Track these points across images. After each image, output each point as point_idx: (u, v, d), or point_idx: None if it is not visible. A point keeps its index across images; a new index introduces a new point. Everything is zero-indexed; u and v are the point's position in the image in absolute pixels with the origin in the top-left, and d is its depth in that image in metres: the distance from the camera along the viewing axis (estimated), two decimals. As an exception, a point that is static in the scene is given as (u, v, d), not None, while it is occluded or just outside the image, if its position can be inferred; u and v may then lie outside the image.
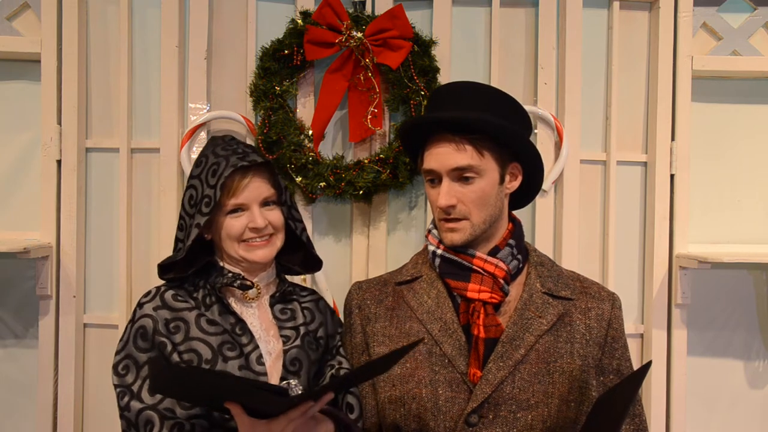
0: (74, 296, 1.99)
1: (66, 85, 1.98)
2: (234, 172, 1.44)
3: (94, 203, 2.04)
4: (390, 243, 2.01)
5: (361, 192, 1.91)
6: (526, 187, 1.54)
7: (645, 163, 2.08)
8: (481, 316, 1.42)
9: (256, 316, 1.50)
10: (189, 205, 1.48)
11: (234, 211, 1.46)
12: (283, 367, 1.44)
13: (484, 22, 2.05)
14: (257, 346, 1.43)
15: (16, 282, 2.09)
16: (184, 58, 2.00)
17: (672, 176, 2.04)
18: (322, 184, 1.89)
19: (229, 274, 1.48)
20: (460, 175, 1.43)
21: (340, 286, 1.85)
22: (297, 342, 1.48)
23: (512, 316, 1.46)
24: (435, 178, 1.47)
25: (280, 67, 1.92)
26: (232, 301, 1.49)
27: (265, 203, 1.48)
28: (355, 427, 1.41)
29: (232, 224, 1.46)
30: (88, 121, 2.04)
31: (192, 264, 1.50)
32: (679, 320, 2.03)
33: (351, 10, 1.93)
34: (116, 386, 1.40)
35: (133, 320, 1.45)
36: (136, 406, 1.36)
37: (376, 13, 1.95)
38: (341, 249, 2.03)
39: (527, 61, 2.06)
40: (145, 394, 1.37)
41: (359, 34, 1.88)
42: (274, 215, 1.49)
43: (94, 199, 2.04)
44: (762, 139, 2.14)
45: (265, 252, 1.48)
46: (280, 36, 1.91)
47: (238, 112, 1.98)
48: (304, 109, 1.98)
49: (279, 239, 1.51)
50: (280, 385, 1.39)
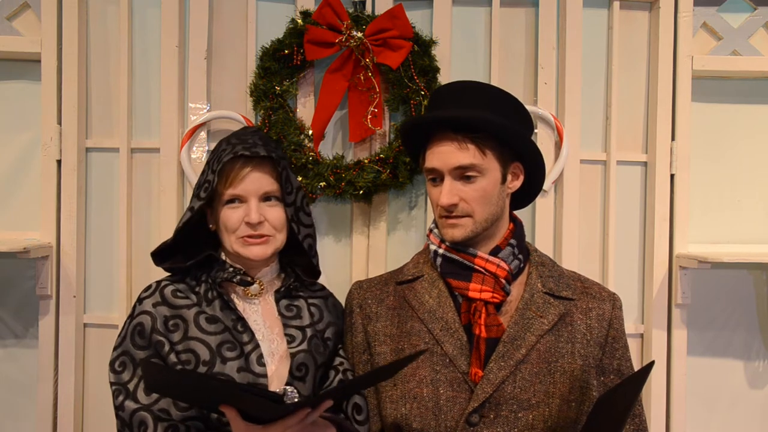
0: (74, 296, 1.99)
1: (66, 85, 1.98)
2: (233, 160, 1.40)
3: (94, 203, 2.04)
4: (390, 243, 2.01)
5: (361, 192, 1.90)
6: (528, 187, 1.54)
7: (645, 163, 2.08)
8: (483, 316, 1.42)
9: (260, 312, 1.47)
10: (194, 190, 1.45)
11: (231, 201, 1.42)
12: (290, 372, 1.41)
13: (484, 22, 2.05)
14: (258, 346, 1.40)
15: (16, 282, 2.09)
16: (184, 58, 2.00)
17: (672, 176, 2.04)
18: (322, 184, 1.89)
19: (230, 269, 1.45)
20: (462, 173, 1.43)
21: (340, 286, 1.84)
22: (304, 345, 1.44)
23: (513, 316, 1.46)
24: (437, 177, 1.47)
25: (280, 67, 1.91)
26: (234, 297, 1.46)
27: (265, 198, 1.43)
28: None
29: (228, 215, 1.42)
30: (88, 121, 2.04)
31: (192, 255, 1.46)
32: (679, 320, 2.03)
33: (351, 10, 1.93)
34: (112, 384, 1.37)
35: (132, 316, 1.42)
36: (131, 406, 1.34)
37: (376, 13, 1.94)
38: (341, 249, 2.02)
39: (527, 61, 2.06)
40: (141, 394, 1.35)
41: (359, 34, 1.88)
42: (274, 213, 1.43)
43: (94, 199, 2.04)
44: (762, 139, 2.14)
45: (260, 249, 1.42)
46: (280, 36, 1.91)
47: (238, 112, 1.97)
48: (304, 109, 1.98)
49: (278, 239, 1.45)
50: (276, 391, 1.35)
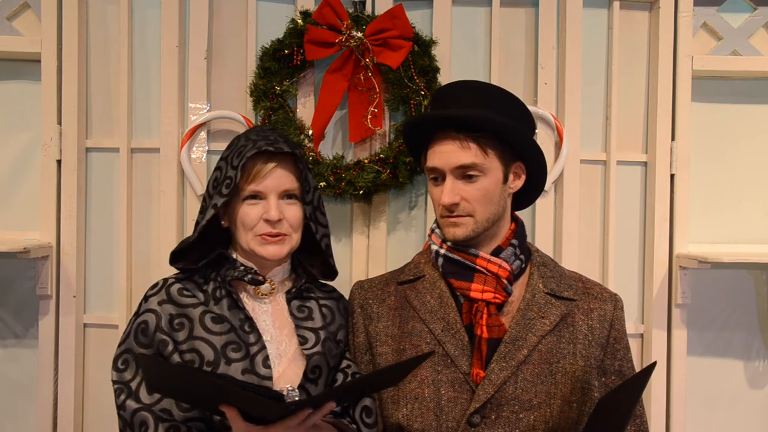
0: (74, 296, 1.99)
1: (66, 85, 1.98)
2: (257, 155, 1.38)
3: (94, 203, 2.04)
4: (390, 243, 2.01)
5: (361, 192, 1.90)
6: (529, 187, 1.54)
7: (645, 163, 2.08)
8: (484, 317, 1.42)
9: (270, 313, 1.45)
10: (212, 186, 1.43)
11: (251, 197, 1.40)
12: (304, 374, 1.39)
13: (484, 22, 2.05)
14: (264, 347, 1.38)
15: (16, 282, 2.09)
16: (184, 58, 2.00)
17: (672, 176, 2.04)
18: (322, 184, 1.89)
19: (241, 267, 1.43)
20: (464, 173, 1.43)
21: (340, 286, 1.83)
22: (318, 348, 1.42)
23: (515, 317, 1.46)
24: (438, 176, 1.47)
25: (280, 67, 1.91)
26: (244, 296, 1.45)
27: (285, 196, 1.42)
28: None
29: (247, 212, 1.40)
30: (88, 121, 2.03)
31: (205, 255, 1.45)
32: (679, 320, 2.03)
33: (351, 10, 1.93)
34: (114, 382, 1.36)
35: (137, 313, 1.41)
36: (132, 405, 1.33)
37: (376, 13, 1.94)
38: (341, 249, 2.02)
39: (527, 61, 2.06)
40: (143, 393, 1.34)
41: (359, 34, 1.88)
42: (293, 211, 1.42)
43: (94, 199, 2.04)
44: (762, 139, 2.14)
45: (276, 249, 1.41)
46: (280, 36, 1.91)
47: (238, 112, 1.97)
48: (304, 109, 1.98)
49: (294, 238, 1.44)
50: (277, 390, 1.33)
